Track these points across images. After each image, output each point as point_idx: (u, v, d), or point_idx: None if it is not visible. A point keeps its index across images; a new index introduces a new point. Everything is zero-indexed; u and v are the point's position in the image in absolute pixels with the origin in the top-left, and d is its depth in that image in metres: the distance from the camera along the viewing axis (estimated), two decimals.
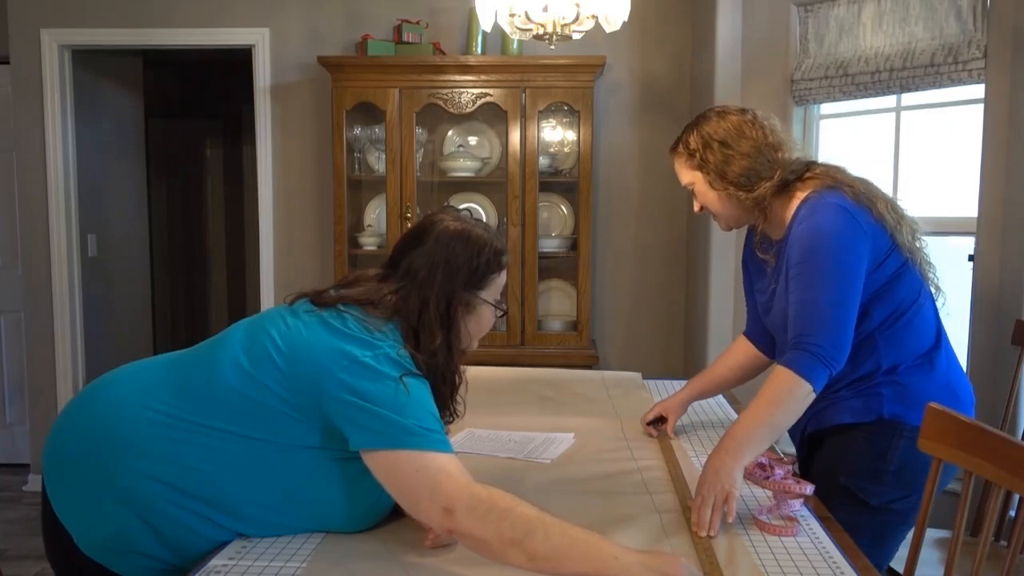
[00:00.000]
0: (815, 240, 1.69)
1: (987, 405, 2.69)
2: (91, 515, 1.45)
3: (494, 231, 1.58)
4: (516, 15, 2.47)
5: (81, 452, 1.47)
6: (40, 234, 4.20)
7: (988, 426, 1.59)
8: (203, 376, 1.45)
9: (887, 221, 1.74)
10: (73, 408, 1.55)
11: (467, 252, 1.49)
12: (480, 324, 1.55)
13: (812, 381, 1.62)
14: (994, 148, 2.68)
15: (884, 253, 1.74)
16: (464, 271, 1.48)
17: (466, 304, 1.50)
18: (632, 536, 1.44)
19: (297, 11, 4.03)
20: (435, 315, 1.46)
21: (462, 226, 1.52)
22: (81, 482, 1.46)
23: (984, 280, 2.73)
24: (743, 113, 1.82)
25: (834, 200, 1.73)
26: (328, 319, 1.44)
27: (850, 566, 1.36)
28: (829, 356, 1.63)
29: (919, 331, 1.79)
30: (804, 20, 3.25)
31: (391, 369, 1.37)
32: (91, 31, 4.08)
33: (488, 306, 1.54)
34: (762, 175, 1.77)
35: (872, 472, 1.76)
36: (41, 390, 4.28)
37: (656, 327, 4.08)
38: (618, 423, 2.17)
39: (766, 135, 1.78)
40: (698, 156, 1.81)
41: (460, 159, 3.83)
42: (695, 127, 1.84)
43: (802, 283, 1.69)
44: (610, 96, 3.99)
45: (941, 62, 2.78)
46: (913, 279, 1.78)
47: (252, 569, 1.34)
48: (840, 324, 1.65)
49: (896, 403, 1.76)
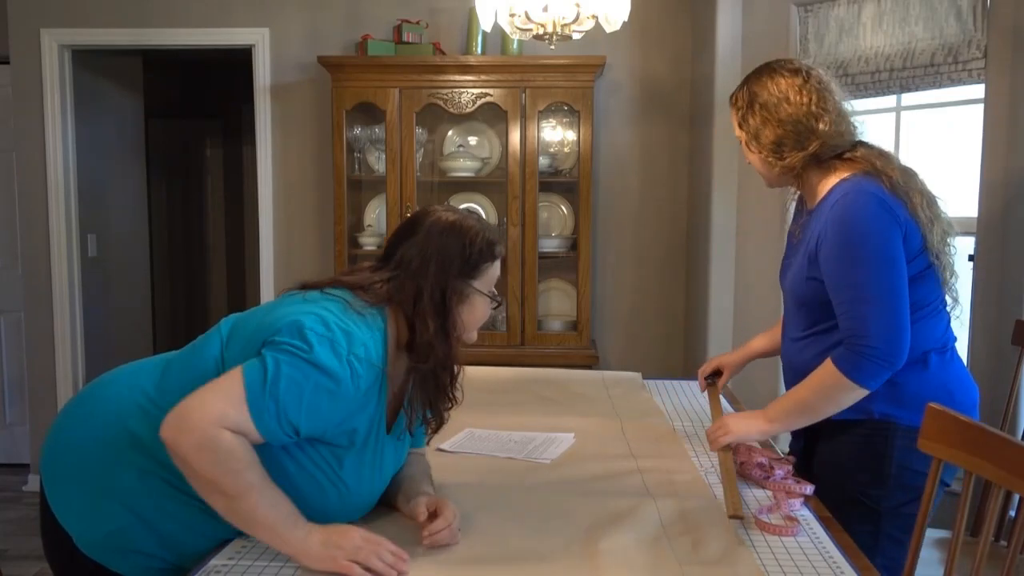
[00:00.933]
0: (852, 235, 1.67)
1: (987, 405, 2.69)
2: (89, 514, 1.45)
3: (487, 223, 1.58)
4: (516, 15, 2.47)
5: (78, 452, 1.48)
6: (40, 234, 4.19)
7: (988, 426, 1.59)
8: (189, 369, 1.45)
9: (920, 219, 1.72)
10: (69, 408, 1.55)
11: (460, 242, 1.49)
12: (475, 314, 1.53)
13: (859, 380, 1.65)
14: (994, 148, 2.68)
15: (913, 252, 1.71)
16: (457, 261, 1.48)
17: (460, 293, 1.49)
18: (632, 536, 1.44)
19: (297, 11, 4.03)
20: (429, 304, 1.45)
21: (455, 217, 1.53)
22: (78, 482, 1.46)
23: (984, 280, 2.73)
24: (795, 75, 1.78)
25: (870, 189, 1.70)
26: (308, 298, 1.44)
27: (850, 566, 1.36)
28: (883, 354, 1.64)
29: (922, 337, 1.74)
30: (804, 20, 3.25)
31: (321, 351, 1.32)
32: (91, 31, 4.08)
33: (482, 296, 1.53)
34: (794, 146, 1.75)
35: (873, 476, 1.75)
36: (41, 390, 4.27)
37: (656, 327, 4.08)
38: (618, 423, 2.17)
39: (812, 103, 1.75)
40: (740, 115, 1.82)
41: (460, 159, 3.83)
42: (748, 82, 1.83)
43: (845, 280, 1.68)
44: (610, 96, 3.99)
45: (941, 62, 2.78)
46: (932, 285, 1.75)
47: (252, 569, 1.34)
48: (893, 318, 1.64)
49: (887, 402, 1.74)
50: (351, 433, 1.42)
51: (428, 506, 1.43)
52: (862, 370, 1.65)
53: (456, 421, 2.12)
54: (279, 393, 1.29)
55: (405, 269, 1.48)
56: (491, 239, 1.53)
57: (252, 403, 1.29)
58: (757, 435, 1.78)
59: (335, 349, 1.34)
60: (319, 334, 1.33)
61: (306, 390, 1.31)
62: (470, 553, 1.39)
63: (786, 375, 1.93)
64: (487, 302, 1.55)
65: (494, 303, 1.56)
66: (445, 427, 1.80)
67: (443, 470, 1.79)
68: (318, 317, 1.37)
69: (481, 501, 1.62)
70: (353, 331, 1.38)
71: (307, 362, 1.31)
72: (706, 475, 1.79)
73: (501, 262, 1.58)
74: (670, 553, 1.39)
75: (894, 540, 1.75)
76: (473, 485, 1.72)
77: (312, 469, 1.40)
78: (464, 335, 1.53)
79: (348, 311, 1.41)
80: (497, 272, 1.57)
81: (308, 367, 1.31)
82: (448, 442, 1.98)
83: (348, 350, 1.35)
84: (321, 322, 1.36)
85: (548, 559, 1.37)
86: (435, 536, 1.38)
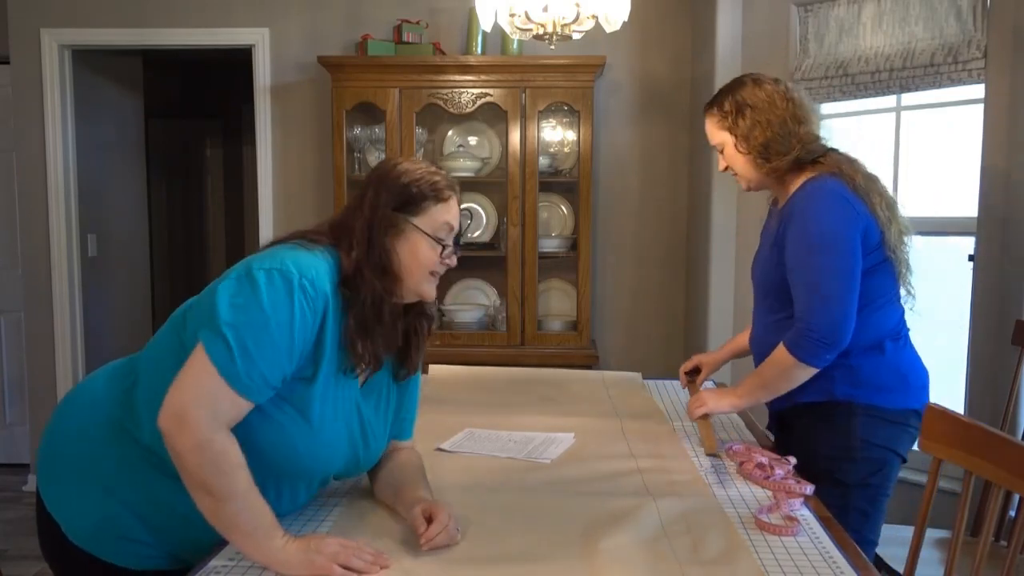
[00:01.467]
0: (813, 226, 1.85)
1: (987, 405, 2.69)
2: (77, 503, 1.47)
3: (445, 172, 1.56)
4: (516, 15, 2.47)
5: (64, 442, 1.51)
6: (40, 234, 4.19)
7: (988, 426, 1.59)
8: (157, 346, 1.49)
9: (880, 217, 1.87)
10: (60, 404, 1.59)
11: (400, 178, 1.49)
12: (415, 256, 1.48)
13: (804, 359, 1.84)
14: (994, 148, 2.68)
15: (871, 247, 1.87)
16: (394, 191, 1.47)
17: (394, 226, 1.46)
18: (632, 536, 1.44)
19: (297, 11, 4.03)
20: (360, 234, 1.44)
21: (404, 159, 1.55)
22: (66, 472, 1.49)
23: (984, 280, 2.73)
24: (776, 83, 1.96)
25: (835, 187, 1.87)
26: (260, 251, 1.45)
27: (850, 566, 1.36)
28: (826, 336, 1.81)
29: (877, 325, 1.91)
30: (804, 20, 3.25)
31: (269, 289, 1.32)
32: (91, 31, 4.08)
33: (423, 236, 1.48)
34: (781, 149, 1.91)
35: (842, 452, 1.90)
36: (41, 390, 4.27)
37: (656, 327, 4.08)
38: (618, 423, 2.17)
39: (795, 108, 1.92)
40: (730, 119, 1.95)
41: (460, 159, 3.83)
42: (731, 91, 1.98)
43: (801, 266, 1.86)
44: (610, 96, 3.99)
45: (941, 62, 2.78)
46: (887, 278, 1.92)
47: (253, 569, 1.34)
48: (839, 306, 1.81)
49: (846, 384, 1.90)
50: (314, 363, 1.41)
51: (424, 512, 1.43)
52: (805, 350, 1.83)
53: (456, 421, 2.14)
54: (250, 354, 1.30)
55: (347, 208, 1.51)
56: (437, 180, 1.51)
57: (231, 379, 1.30)
58: (729, 408, 1.98)
59: (285, 277, 1.34)
60: (267, 268, 1.34)
61: (273, 334, 1.31)
62: (470, 553, 1.39)
63: (756, 360, 2.07)
64: (431, 245, 1.49)
65: (443, 247, 1.50)
66: (445, 427, 1.81)
67: (443, 470, 1.79)
68: (266, 254, 1.40)
69: (481, 501, 1.62)
70: (303, 259, 1.38)
71: (259, 307, 1.32)
72: (706, 475, 1.79)
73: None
74: (670, 553, 1.39)
75: (861, 512, 1.90)
76: (473, 485, 1.72)
77: (275, 413, 1.39)
78: (408, 278, 1.48)
79: (297, 248, 1.42)
80: (448, 218, 1.52)
81: (261, 312, 1.31)
82: (448, 442, 1.98)
83: (299, 275, 1.35)
84: (269, 255, 1.38)
85: (548, 559, 1.37)
86: (432, 542, 1.38)
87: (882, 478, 1.92)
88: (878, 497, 1.93)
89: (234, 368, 1.30)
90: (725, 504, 1.62)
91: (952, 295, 2.94)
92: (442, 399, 2.44)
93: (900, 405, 1.90)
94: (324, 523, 1.51)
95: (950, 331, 2.94)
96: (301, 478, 1.48)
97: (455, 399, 2.44)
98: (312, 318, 1.37)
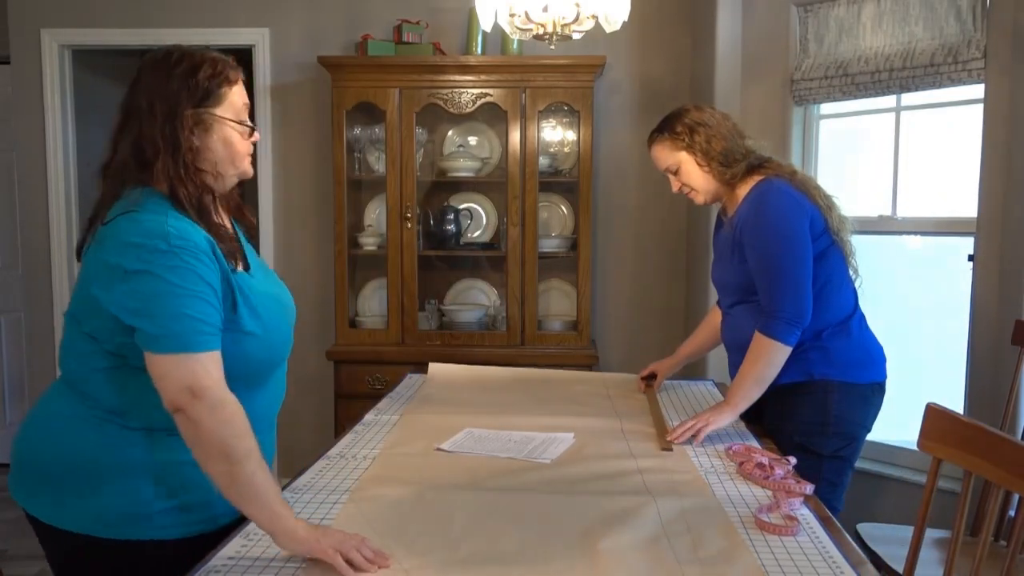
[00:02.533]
0: (766, 221, 2.08)
1: (987, 405, 2.69)
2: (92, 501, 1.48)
3: (212, 51, 1.53)
4: (516, 15, 2.47)
5: (20, 444, 1.57)
6: (40, 234, 4.20)
7: (988, 426, 1.59)
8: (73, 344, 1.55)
9: (820, 206, 2.12)
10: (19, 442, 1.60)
11: (193, 74, 1.46)
12: (231, 143, 1.51)
13: (782, 340, 2.04)
14: (994, 148, 2.68)
15: (817, 232, 2.10)
16: (184, 92, 1.45)
17: (199, 123, 1.47)
18: (632, 536, 1.44)
19: (297, 11, 4.03)
20: (163, 145, 1.44)
21: (166, 50, 1.50)
22: (32, 466, 1.54)
23: (984, 280, 2.73)
24: (713, 109, 2.25)
25: (780, 185, 2.12)
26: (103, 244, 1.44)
27: (850, 566, 1.36)
28: (793, 316, 2.04)
29: (838, 303, 2.14)
30: (804, 20, 3.25)
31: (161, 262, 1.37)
32: (91, 31, 4.08)
33: (229, 124, 1.50)
34: (736, 156, 2.17)
35: (817, 427, 2.09)
36: (41, 390, 4.24)
37: (656, 327, 4.08)
38: (618, 423, 2.18)
39: (734, 124, 2.22)
40: (685, 139, 2.18)
41: (460, 159, 3.83)
42: (678, 117, 2.22)
43: (762, 260, 2.09)
44: (610, 96, 3.99)
45: (941, 62, 2.78)
46: (837, 259, 2.15)
47: (252, 569, 1.34)
48: (799, 287, 2.05)
49: (822, 364, 2.11)
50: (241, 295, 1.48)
51: None
52: (777, 330, 2.03)
53: (456, 421, 2.14)
54: (184, 311, 1.35)
55: (127, 130, 1.48)
56: (219, 61, 1.50)
57: (189, 347, 1.35)
58: (731, 418, 2.08)
59: (166, 245, 1.37)
60: (149, 248, 1.37)
61: (191, 288, 1.37)
62: (470, 553, 1.39)
63: (729, 349, 2.29)
64: (239, 129, 1.52)
65: (249, 130, 1.54)
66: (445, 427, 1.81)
67: (443, 470, 1.79)
68: (124, 248, 1.39)
69: (481, 501, 1.62)
70: (164, 225, 1.39)
71: (158, 274, 1.36)
72: (706, 475, 1.79)
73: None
74: (670, 553, 1.39)
75: (830, 482, 2.07)
76: (473, 485, 1.72)
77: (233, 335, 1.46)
78: (228, 167, 1.53)
79: (142, 219, 1.40)
80: (245, 99, 1.54)
81: (166, 277, 1.36)
82: (448, 442, 1.98)
83: (168, 243, 1.38)
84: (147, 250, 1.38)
85: (548, 559, 1.37)
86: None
87: (851, 451, 2.13)
88: (845, 469, 2.14)
89: (182, 341, 1.35)
90: (725, 504, 1.62)
91: (952, 295, 2.95)
92: (442, 399, 2.44)
93: (869, 379, 2.14)
94: (323, 523, 1.51)
95: (950, 331, 2.94)
96: (279, 365, 1.62)
97: (455, 399, 2.44)
98: (208, 261, 1.42)
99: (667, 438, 2.00)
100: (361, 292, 3.99)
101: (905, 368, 2.63)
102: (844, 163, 3.35)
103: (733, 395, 2.08)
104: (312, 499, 1.63)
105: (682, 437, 2.00)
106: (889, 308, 3.09)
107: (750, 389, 2.07)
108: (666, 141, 2.22)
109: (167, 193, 1.45)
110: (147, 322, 1.36)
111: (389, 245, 3.75)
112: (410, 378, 2.74)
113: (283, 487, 1.65)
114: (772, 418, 2.18)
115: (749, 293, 2.15)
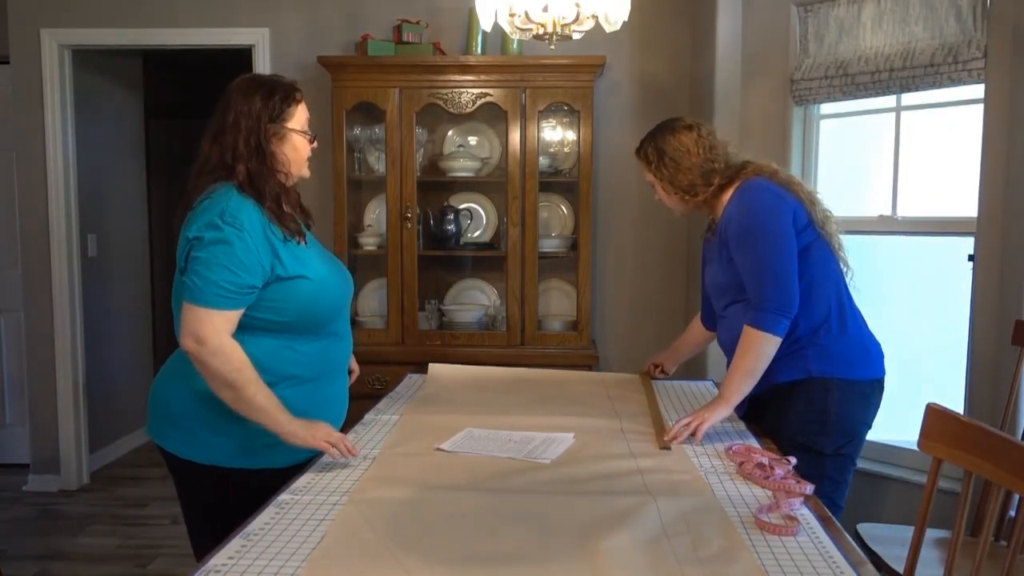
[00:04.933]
0: (749, 218, 2.10)
1: (987, 405, 2.69)
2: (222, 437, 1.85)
3: (280, 76, 1.98)
4: (516, 15, 2.47)
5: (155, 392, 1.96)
6: (40, 234, 4.20)
7: (988, 426, 1.59)
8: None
9: (803, 200, 2.13)
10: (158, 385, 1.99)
11: (271, 98, 1.87)
12: (298, 149, 1.93)
13: (771, 331, 2.04)
14: (994, 148, 2.68)
15: (801, 226, 2.11)
16: (264, 111, 1.86)
17: (275, 135, 1.88)
18: (632, 536, 1.44)
19: (297, 11, 4.03)
20: (246, 148, 1.83)
21: (249, 77, 1.93)
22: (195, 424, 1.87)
23: (984, 280, 2.73)
24: (690, 130, 2.22)
25: (761, 183, 2.14)
26: (196, 223, 1.80)
27: (850, 566, 1.36)
28: (781, 306, 2.04)
29: (830, 298, 2.14)
30: (804, 20, 3.25)
31: (210, 234, 1.76)
32: (91, 31, 4.08)
33: (297, 134, 1.92)
34: (703, 185, 2.20)
35: (818, 425, 2.09)
36: (41, 390, 4.28)
37: (656, 327, 4.08)
38: (618, 423, 2.18)
39: (708, 150, 2.20)
40: (653, 166, 2.25)
41: (460, 159, 3.83)
42: (653, 139, 2.26)
43: (747, 256, 2.10)
44: (610, 96, 3.99)
45: (941, 62, 2.78)
46: (824, 252, 2.15)
47: (252, 569, 1.34)
48: (785, 278, 2.05)
49: (820, 361, 2.11)
50: (292, 255, 1.85)
51: None
52: (766, 321, 2.04)
53: (456, 421, 2.14)
54: (211, 277, 1.73)
55: (222, 141, 1.85)
56: (289, 88, 1.92)
57: (209, 304, 1.74)
58: (726, 413, 2.08)
59: (220, 221, 1.76)
60: (207, 224, 1.77)
61: (223, 261, 1.74)
62: (470, 553, 1.39)
63: (726, 349, 2.27)
64: (304, 138, 1.94)
65: (311, 138, 1.95)
66: (445, 427, 1.83)
67: (442, 470, 1.79)
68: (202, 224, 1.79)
69: (481, 501, 1.62)
70: (224, 207, 1.78)
71: (207, 245, 1.75)
72: (706, 475, 1.79)
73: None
74: (670, 553, 1.39)
75: (834, 481, 2.09)
76: (473, 485, 1.72)
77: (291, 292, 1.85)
78: (294, 169, 1.94)
79: (212, 204, 1.81)
80: (307, 114, 1.97)
81: (210, 248, 1.75)
82: (448, 442, 1.98)
83: (222, 220, 1.76)
84: (206, 225, 1.78)
85: (548, 559, 1.37)
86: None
87: (853, 448, 2.13)
88: (848, 466, 2.14)
89: (199, 296, 1.74)
90: (725, 504, 1.62)
91: (952, 295, 2.94)
92: (442, 399, 2.44)
93: (868, 375, 2.14)
94: (324, 522, 1.51)
95: (950, 331, 2.94)
96: (338, 315, 1.98)
97: (455, 399, 2.44)
98: (251, 240, 1.78)
99: (665, 439, 2.00)
100: (361, 292, 3.99)
101: (905, 368, 2.63)
102: (844, 163, 3.35)
103: (725, 389, 2.09)
104: (312, 500, 1.63)
105: (680, 437, 2.00)
106: (889, 308, 3.09)
107: (742, 382, 2.07)
108: (641, 161, 2.28)
109: (241, 187, 1.82)
110: (188, 277, 1.76)
111: (389, 245, 3.75)
112: (410, 378, 2.75)
113: (283, 487, 1.70)
114: (772, 418, 2.17)
115: (741, 292, 2.16)
